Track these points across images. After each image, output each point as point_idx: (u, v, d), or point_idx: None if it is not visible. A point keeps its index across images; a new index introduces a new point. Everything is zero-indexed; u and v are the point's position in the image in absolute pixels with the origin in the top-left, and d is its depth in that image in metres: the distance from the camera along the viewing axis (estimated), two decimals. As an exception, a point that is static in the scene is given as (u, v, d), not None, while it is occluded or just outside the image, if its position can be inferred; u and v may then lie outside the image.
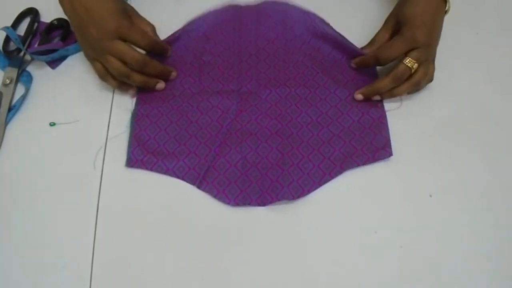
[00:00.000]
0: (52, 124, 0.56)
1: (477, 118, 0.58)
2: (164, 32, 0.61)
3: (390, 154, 0.54)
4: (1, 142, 0.55)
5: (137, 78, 0.55)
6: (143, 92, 0.58)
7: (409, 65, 0.54)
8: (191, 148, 0.55)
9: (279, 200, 0.51)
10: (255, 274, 0.49)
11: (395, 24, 0.57)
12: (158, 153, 0.54)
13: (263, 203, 0.51)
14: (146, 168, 0.53)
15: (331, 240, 0.50)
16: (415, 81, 0.55)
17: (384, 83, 0.55)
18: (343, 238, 0.50)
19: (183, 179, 0.53)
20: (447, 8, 0.57)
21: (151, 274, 0.49)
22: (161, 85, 0.57)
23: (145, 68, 0.55)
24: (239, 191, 0.52)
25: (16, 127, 0.56)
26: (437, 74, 0.56)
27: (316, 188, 0.52)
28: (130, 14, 0.58)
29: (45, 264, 0.49)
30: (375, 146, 0.54)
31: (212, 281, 0.48)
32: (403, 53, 0.54)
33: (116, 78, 0.56)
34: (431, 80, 0.56)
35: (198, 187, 0.53)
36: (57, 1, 0.56)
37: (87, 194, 0.52)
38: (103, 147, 0.55)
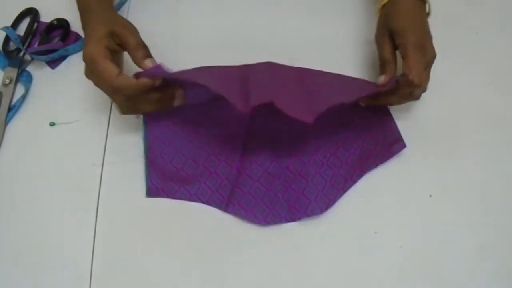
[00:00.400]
0: (52, 124, 0.56)
1: (477, 118, 0.58)
2: (164, 32, 0.61)
3: (404, 146, 0.54)
4: (1, 142, 0.55)
5: (147, 103, 0.51)
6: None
7: None
8: (211, 169, 0.53)
9: (308, 216, 0.50)
10: (254, 273, 0.49)
11: (390, 38, 0.53)
12: (178, 179, 0.52)
13: (292, 219, 0.51)
14: (168, 197, 0.52)
15: (331, 240, 0.50)
16: (415, 95, 0.53)
17: (389, 100, 0.54)
18: (343, 238, 0.50)
19: (208, 203, 0.52)
20: (428, 10, 0.55)
21: (151, 274, 0.49)
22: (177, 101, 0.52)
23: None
24: (267, 210, 0.51)
25: (16, 127, 0.56)
26: (437, 74, 0.56)
27: (341, 195, 0.52)
28: (120, 35, 0.50)
29: (45, 264, 0.49)
30: (388, 143, 0.54)
31: (212, 281, 0.48)
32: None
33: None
34: (424, 91, 0.54)
35: (225, 210, 0.51)
36: (57, 1, 0.56)
37: (87, 194, 0.52)
38: (103, 147, 0.55)
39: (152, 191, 0.52)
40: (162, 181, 0.52)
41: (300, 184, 0.52)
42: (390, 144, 0.54)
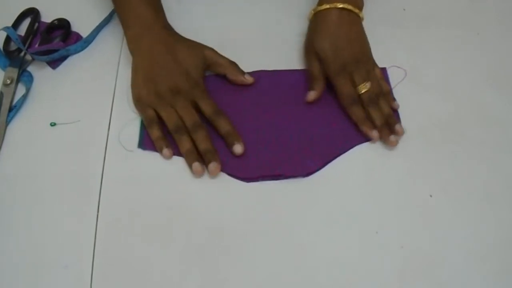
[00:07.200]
0: (53, 124, 0.56)
1: (477, 118, 0.58)
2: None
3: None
4: (2, 142, 0.55)
5: (186, 141, 0.54)
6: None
7: (363, 90, 0.55)
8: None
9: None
10: (254, 274, 0.49)
11: (317, 57, 0.57)
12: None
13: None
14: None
15: (332, 240, 0.50)
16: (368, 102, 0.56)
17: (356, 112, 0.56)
18: (344, 238, 0.50)
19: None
20: (361, 17, 0.58)
21: (152, 273, 0.49)
22: (196, 167, 0.53)
23: (196, 132, 0.53)
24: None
25: (17, 127, 0.56)
26: (437, 74, 0.56)
27: (330, 159, 0.54)
28: (209, 62, 0.58)
29: (46, 265, 0.49)
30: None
31: (212, 281, 0.48)
32: (352, 83, 0.56)
33: (159, 130, 0.54)
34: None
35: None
36: (58, 1, 0.56)
37: (87, 194, 0.52)
38: (104, 147, 0.55)
39: (145, 144, 0.55)
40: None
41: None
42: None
